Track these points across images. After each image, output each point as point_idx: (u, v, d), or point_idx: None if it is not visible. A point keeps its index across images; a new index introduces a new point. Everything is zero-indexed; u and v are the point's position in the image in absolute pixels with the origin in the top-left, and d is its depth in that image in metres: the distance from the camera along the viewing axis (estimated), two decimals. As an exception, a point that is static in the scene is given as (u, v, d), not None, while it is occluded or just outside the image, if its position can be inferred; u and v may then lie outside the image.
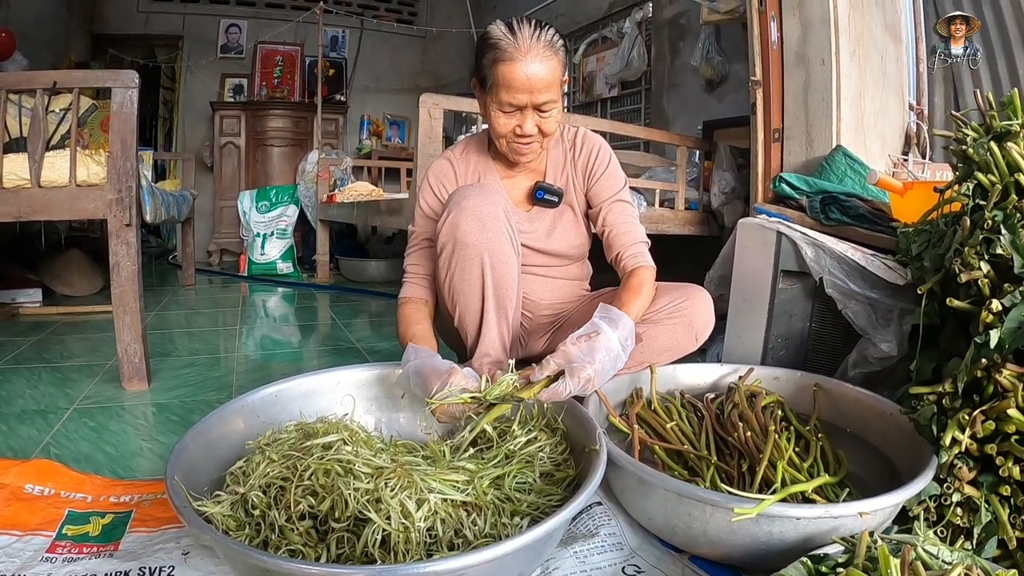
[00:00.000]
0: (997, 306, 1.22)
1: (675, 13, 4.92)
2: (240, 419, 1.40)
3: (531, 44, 1.58)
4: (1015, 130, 1.42)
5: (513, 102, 1.63)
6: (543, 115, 1.66)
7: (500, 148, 1.77)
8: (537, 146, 1.73)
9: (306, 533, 1.05)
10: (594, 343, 1.34)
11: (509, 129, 1.68)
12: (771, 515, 1.07)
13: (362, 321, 3.86)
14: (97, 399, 2.17)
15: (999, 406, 1.18)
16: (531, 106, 1.63)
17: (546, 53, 1.60)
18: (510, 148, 1.74)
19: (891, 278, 1.79)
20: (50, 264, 4.49)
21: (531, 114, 1.65)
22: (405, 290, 1.80)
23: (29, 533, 1.26)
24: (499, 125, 1.69)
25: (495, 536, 1.07)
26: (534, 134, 1.68)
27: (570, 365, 1.31)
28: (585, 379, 1.30)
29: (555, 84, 1.63)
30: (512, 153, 1.75)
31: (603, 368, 1.34)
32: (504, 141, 1.73)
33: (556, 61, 1.62)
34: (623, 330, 1.41)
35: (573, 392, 1.30)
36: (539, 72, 1.59)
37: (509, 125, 1.68)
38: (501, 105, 1.65)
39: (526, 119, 1.65)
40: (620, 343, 1.39)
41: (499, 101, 1.65)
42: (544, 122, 1.67)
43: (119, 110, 2.16)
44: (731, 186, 3.37)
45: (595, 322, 1.40)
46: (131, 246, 2.19)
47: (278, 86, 7.40)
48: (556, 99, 1.65)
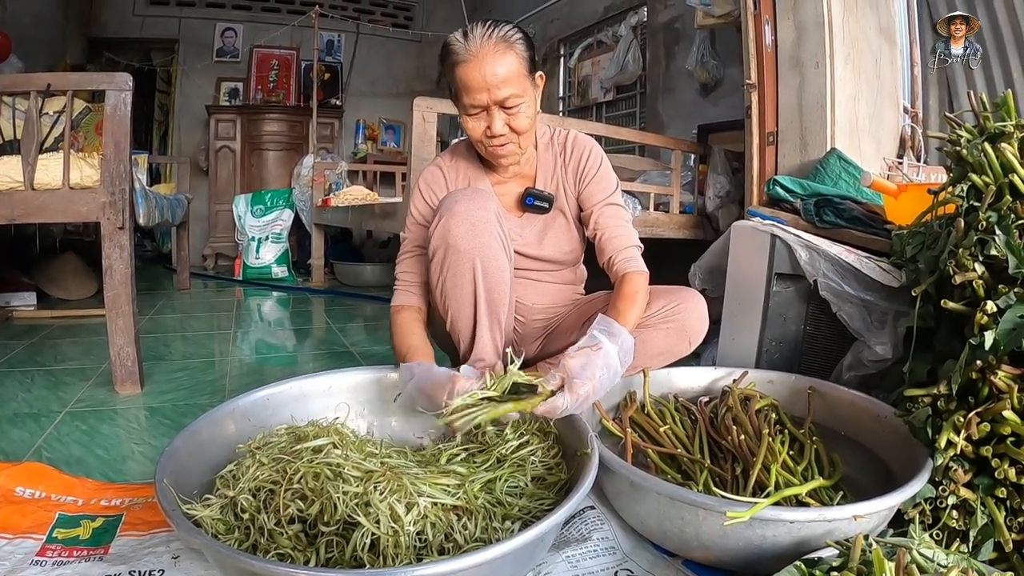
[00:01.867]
0: (992, 307, 1.21)
1: (670, 17, 4.93)
2: (231, 422, 1.40)
3: (482, 43, 1.58)
4: (1009, 131, 1.42)
5: (475, 103, 1.62)
6: (510, 112, 1.64)
7: (481, 153, 1.76)
8: (514, 146, 1.71)
9: (295, 537, 1.04)
10: (594, 359, 1.32)
11: (480, 132, 1.67)
12: (764, 519, 1.07)
13: (357, 325, 3.86)
14: (89, 402, 2.16)
15: (994, 408, 1.18)
16: (495, 104, 1.61)
17: (498, 47, 1.58)
18: (488, 152, 1.73)
19: (885, 280, 1.79)
20: (45, 267, 4.48)
21: (497, 113, 1.63)
22: (397, 298, 1.79)
23: (19, 536, 1.25)
24: (470, 129, 1.69)
25: (486, 540, 1.07)
26: (505, 133, 1.66)
27: (570, 380, 1.28)
28: (583, 396, 1.27)
29: (515, 79, 1.61)
30: (491, 157, 1.75)
31: (601, 386, 1.32)
32: (481, 146, 1.72)
33: (513, 55, 1.60)
34: (623, 345, 1.39)
35: (570, 410, 1.27)
36: (494, 68, 1.57)
37: (479, 128, 1.67)
38: (466, 109, 1.65)
39: (494, 119, 1.63)
40: (619, 359, 1.36)
41: (463, 105, 1.65)
42: (513, 119, 1.65)
43: (113, 113, 2.15)
44: (726, 190, 3.37)
45: (595, 336, 1.37)
46: (124, 249, 2.18)
47: (274, 90, 7.40)
48: (521, 94, 1.62)
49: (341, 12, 7.67)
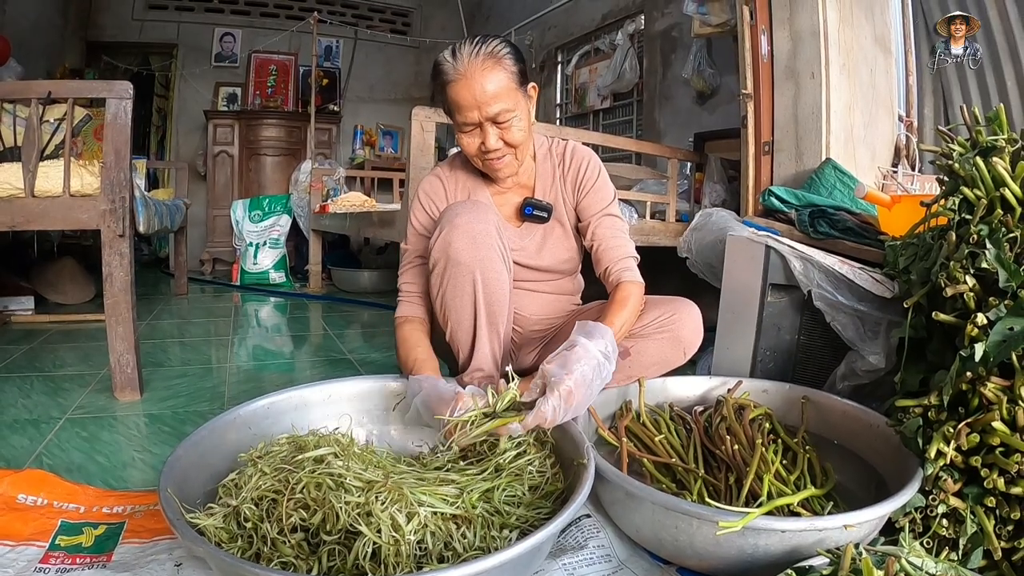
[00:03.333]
0: (982, 319, 1.23)
1: (667, 26, 4.96)
2: (232, 431, 1.41)
3: (469, 60, 1.59)
4: (1000, 145, 1.44)
5: (467, 120, 1.64)
6: (502, 126, 1.65)
7: (479, 167, 1.78)
8: (510, 158, 1.73)
9: (298, 546, 1.06)
10: (571, 356, 1.31)
11: (475, 148, 1.69)
12: (757, 528, 1.08)
13: (354, 332, 3.87)
14: (89, 409, 2.17)
15: (984, 418, 1.19)
16: (487, 120, 1.63)
17: (486, 64, 1.60)
18: (485, 166, 1.75)
19: (879, 291, 1.81)
20: (43, 272, 4.48)
21: (491, 128, 1.65)
22: (401, 309, 1.80)
23: (22, 543, 1.26)
24: (465, 146, 1.71)
25: (485, 549, 1.08)
26: (500, 147, 1.68)
27: (549, 381, 1.28)
28: (565, 391, 1.26)
29: (506, 93, 1.62)
30: (488, 171, 1.77)
31: (584, 377, 1.30)
32: (477, 160, 1.74)
33: (501, 70, 1.61)
34: (600, 339, 1.37)
35: (560, 411, 1.26)
36: (482, 85, 1.59)
37: (474, 144, 1.69)
38: (460, 127, 1.68)
39: (487, 134, 1.65)
40: (600, 351, 1.35)
41: (457, 123, 1.68)
42: (507, 133, 1.67)
43: (113, 120, 2.16)
44: (722, 198, 3.39)
45: (571, 339, 1.37)
46: (124, 256, 2.19)
47: (272, 95, 7.42)
48: (512, 108, 1.64)
49: (339, 18, 7.70)
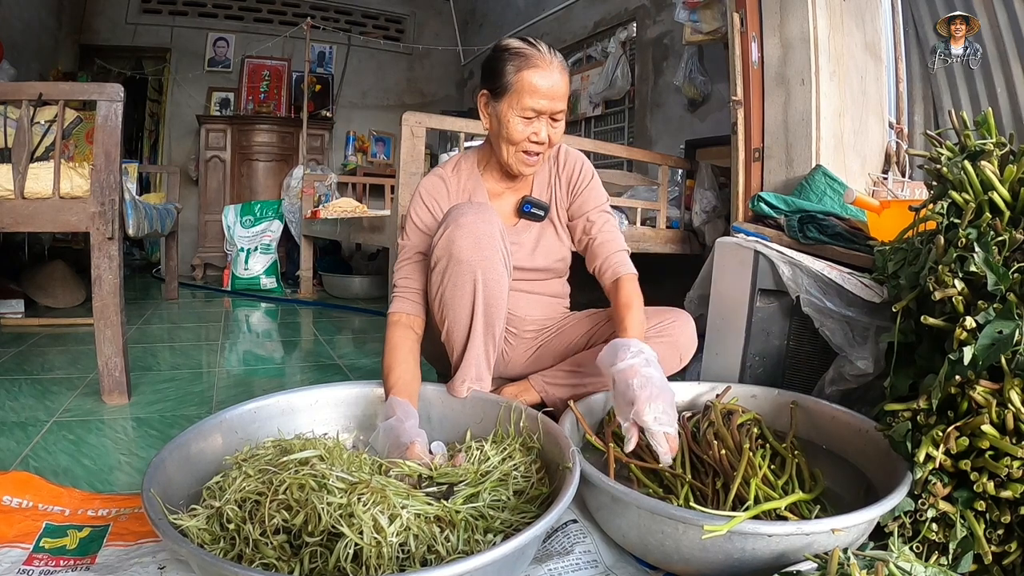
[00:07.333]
0: (971, 323, 1.23)
1: (659, 33, 4.97)
2: (218, 435, 1.40)
3: (552, 56, 1.71)
4: (989, 149, 1.44)
5: (536, 107, 1.69)
6: (554, 125, 1.75)
7: (505, 159, 1.79)
8: (542, 157, 1.81)
9: (280, 547, 1.05)
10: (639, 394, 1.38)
11: (525, 136, 1.74)
12: (743, 532, 1.08)
13: (344, 337, 3.86)
14: (77, 412, 2.16)
15: (973, 422, 1.19)
16: (548, 113, 1.72)
17: (563, 67, 1.73)
18: (518, 158, 1.78)
19: (867, 296, 1.81)
20: (33, 275, 4.46)
21: (546, 122, 1.73)
22: (396, 305, 1.77)
23: (6, 545, 1.26)
24: (516, 132, 1.73)
25: (468, 552, 1.07)
26: (545, 141, 1.75)
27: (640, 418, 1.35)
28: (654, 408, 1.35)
29: (565, 98, 1.74)
30: (519, 164, 1.79)
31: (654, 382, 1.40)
32: (515, 149, 1.77)
33: (568, 76, 1.74)
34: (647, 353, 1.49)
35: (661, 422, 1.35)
36: (560, 82, 1.71)
37: (526, 132, 1.73)
38: (523, 111, 1.71)
39: (541, 126, 1.73)
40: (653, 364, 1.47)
41: (521, 107, 1.70)
42: (554, 132, 1.75)
43: (103, 123, 2.15)
44: (712, 205, 3.39)
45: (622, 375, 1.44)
46: (113, 259, 2.19)
47: (265, 100, 7.42)
48: (565, 112, 1.76)
49: (333, 24, 7.71)
